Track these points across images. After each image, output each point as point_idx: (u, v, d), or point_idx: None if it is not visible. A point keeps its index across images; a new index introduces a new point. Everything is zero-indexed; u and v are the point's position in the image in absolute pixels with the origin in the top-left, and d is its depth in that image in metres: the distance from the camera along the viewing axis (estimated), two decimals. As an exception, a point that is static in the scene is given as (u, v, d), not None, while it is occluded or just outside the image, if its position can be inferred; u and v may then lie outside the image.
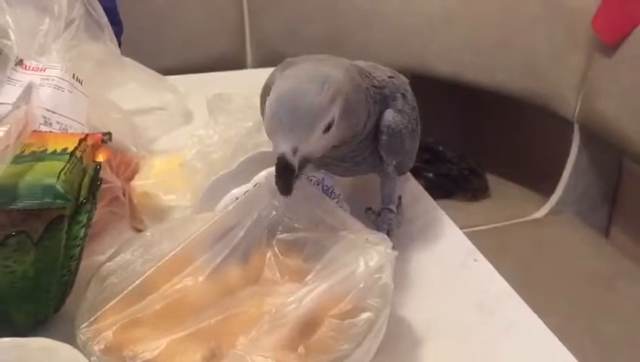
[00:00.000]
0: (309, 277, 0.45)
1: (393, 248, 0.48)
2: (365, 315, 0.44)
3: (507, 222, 1.26)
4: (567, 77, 1.23)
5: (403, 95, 0.59)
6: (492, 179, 1.40)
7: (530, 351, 0.53)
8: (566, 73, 1.23)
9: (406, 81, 0.62)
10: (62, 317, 0.53)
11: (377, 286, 0.45)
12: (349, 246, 0.47)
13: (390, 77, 0.59)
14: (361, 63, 0.58)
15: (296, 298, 0.44)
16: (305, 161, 0.48)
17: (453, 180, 1.35)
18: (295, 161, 0.46)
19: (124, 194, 0.66)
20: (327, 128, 0.48)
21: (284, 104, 0.46)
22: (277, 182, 0.47)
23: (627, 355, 0.98)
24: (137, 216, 0.65)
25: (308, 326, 0.43)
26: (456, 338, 0.54)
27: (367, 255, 0.46)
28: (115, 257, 0.51)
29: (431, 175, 1.32)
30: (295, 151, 0.46)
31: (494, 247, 0.67)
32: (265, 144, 0.63)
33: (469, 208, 1.33)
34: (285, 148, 0.46)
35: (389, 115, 0.56)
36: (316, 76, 0.47)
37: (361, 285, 0.45)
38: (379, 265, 0.46)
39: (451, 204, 1.30)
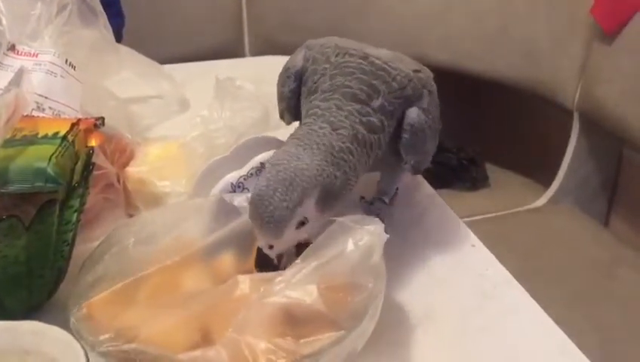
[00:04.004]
0: (298, 259, 0.45)
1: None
2: (359, 295, 0.44)
3: (506, 211, 1.25)
4: (567, 65, 1.22)
5: (430, 92, 0.57)
6: (491, 169, 1.39)
7: (528, 336, 0.53)
8: (565, 61, 1.22)
9: (431, 75, 0.60)
10: (55, 304, 0.53)
11: (368, 265, 0.45)
12: (338, 228, 0.47)
13: (416, 70, 0.57)
14: (385, 56, 0.56)
15: (284, 278, 0.43)
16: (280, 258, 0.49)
17: (452, 170, 1.35)
18: (273, 254, 0.48)
19: (118, 181, 0.65)
20: (301, 224, 0.48)
21: (254, 209, 0.47)
22: (256, 269, 0.48)
23: (627, 342, 0.97)
24: (132, 202, 0.65)
25: (298, 307, 0.42)
26: (453, 323, 0.53)
27: (357, 235, 0.46)
28: (107, 240, 0.50)
29: (430, 164, 1.32)
30: (270, 247, 0.48)
31: (493, 236, 0.67)
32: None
33: (468, 198, 1.33)
34: (262, 244, 0.48)
35: (413, 114, 0.55)
36: (283, 179, 0.47)
37: (352, 264, 0.44)
38: (369, 244, 0.45)
39: (450, 194, 1.29)
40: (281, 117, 0.61)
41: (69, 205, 0.49)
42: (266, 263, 0.48)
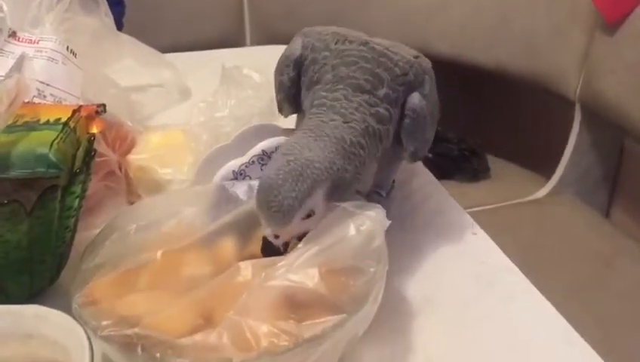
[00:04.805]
0: (300, 244, 0.45)
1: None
2: (361, 279, 0.44)
3: (507, 203, 1.25)
4: (569, 55, 1.22)
5: (430, 78, 0.57)
6: (492, 160, 1.39)
7: (529, 323, 0.53)
8: (567, 52, 1.22)
9: (429, 62, 0.59)
10: (57, 290, 0.53)
11: (370, 250, 0.45)
12: (340, 214, 0.47)
13: (416, 57, 0.56)
14: (384, 42, 0.55)
15: (286, 262, 0.43)
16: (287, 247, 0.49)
17: (454, 161, 1.35)
18: (279, 243, 0.48)
19: (120, 169, 0.65)
20: (308, 216, 0.48)
21: (262, 197, 0.46)
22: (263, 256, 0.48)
23: (627, 333, 0.97)
24: (134, 190, 0.65)
25: (300, 291, 0.42)
26: (455, 310, 0.53)
27: (359, 220, 0.46)
28: (109, 227, 0.50)
29: (431, 155, 1.32)
30: (277, 236, 0.47)
31: (494, 227, 0.67)
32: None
33: (469, 189, 1.33)
34: (267, 232, 0.47)
35: (416, 99, 0.54)
36: (294, 170, 0.46)
37: (353, 248, 0.44)
38: (371, 229, 0.45)
39: (451, 185, 1.29)
40: (280, 109, 0.60)
41: (71, 191, 0.49)
42: (272, 252, 0.48)
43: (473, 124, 1.42)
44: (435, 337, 0.51)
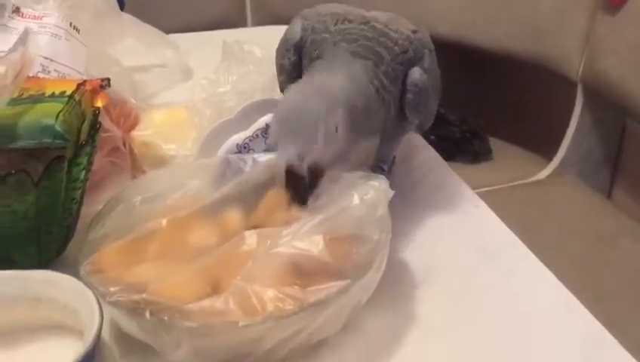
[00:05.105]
0: (305, 212, 0.46)
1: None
2: (365, 247, 0.44)
3: (509, 184, 1.25)
4: (571, 36, 1.22)
5: (430, 51, 0.57)
6: (494, 142, 1.39)
7: (532, 294, 0.53)
8: (569, 32, 1.22)
9: (427, 33, 0.59)
10: (63, 262, 0.54)
11: (374, 219, 0.45)
12: (344, 184, 0.47)
13: (414, 31, 0.57)
14: (382, 17, 0.56)
15: (291, 230, 0.44)
16: (317, 171, 0.48)
17: (455, 142, 1.35)
18: (303, 168, 0.47)
19: (124, 145, 0.66)
20: (330, 138, 0.48)
21: (287, 116, 0.47)
22: (290, 195, 0.48)
23: (628, 310, 0.98)
24: (138, 166, 0.65)
25: (305, 258, 0.43)
26: (457, 281, 0.54)
27: (362, 190, 0.46)
28: (115, 199, 0.51)
29: (432, 137, 1.31)
30: (301, 158, 0.47)
31: (496, 209, 0.67)
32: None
33: (470, 170, 1.33)
34: (290, 154, 0.47)
35: (416, 74, 0.55)
36: (318, 91, 0.48)
37: (357, 217, 0.45)
38: (374, 199, 0.46)
39: (453, 167, 1.28)
40: (282, 90, 0.60)
41: (77, 162, 0.49)
42: (296, 180, 0.47)
43: (475, 106, 1.42)
44: (436, 307, 0.51)
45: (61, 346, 0.38)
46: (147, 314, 0.40)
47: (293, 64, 0.58)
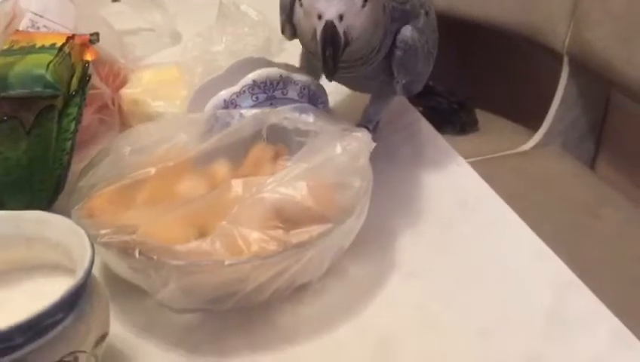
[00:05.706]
0: (289, 162, 0.47)
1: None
2: (346, 193, 0.46)
3: (495, 155, 1.27)
4: (557, 6, 1.23)
5: (426, 13, 0.57)
6: (481, 113, 1.41)
7: (508, 243, 0.55)
8: (555, 3, 1.23)
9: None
10: (54, 212, 0.55)
11: (355, 167, 0.47)
12: (327, 135, 0.49)
13: None
14: None
15: (275, 178, 0.45)
16: (346, 39, 0.49)
17: (442, 114, 1.36)
18: (341, 29, 0.47)
19: (113, 103, 0.67)
20: (364, 3, 0.49)
21: None
22: (324, 60, 0.48)
23: (609, 277, 1.00)
24: (127, 123, 0.66)
25: (289, 204, 0.44)
26: (438, 231, 0.56)
27: (345, 141, 0.48)
28: (104, 150, 0.52)
29: (420, 108, 1.33)
30: (341, 17, 0.47)
31: (482, 178, 0.68)
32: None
33: (457, 141, 1.33)
34: (331, 13, 0.47)
35: (407, 31, 0.55)
36: None
37: (339, 166, 0.46)
38: (356, 149, 0.47)
39: (440, 137, 1.30)
40: (283, 30, 0.60)
41: (67, 113, 0.50)
42: (333, 37, 0.47)
43: (462, 77, 1.43)
44: (419, 255, 0.53)
45: (55, 284, 0.39)
46: (137, 253, 0.42)
47: (292, 3, 0.56)
